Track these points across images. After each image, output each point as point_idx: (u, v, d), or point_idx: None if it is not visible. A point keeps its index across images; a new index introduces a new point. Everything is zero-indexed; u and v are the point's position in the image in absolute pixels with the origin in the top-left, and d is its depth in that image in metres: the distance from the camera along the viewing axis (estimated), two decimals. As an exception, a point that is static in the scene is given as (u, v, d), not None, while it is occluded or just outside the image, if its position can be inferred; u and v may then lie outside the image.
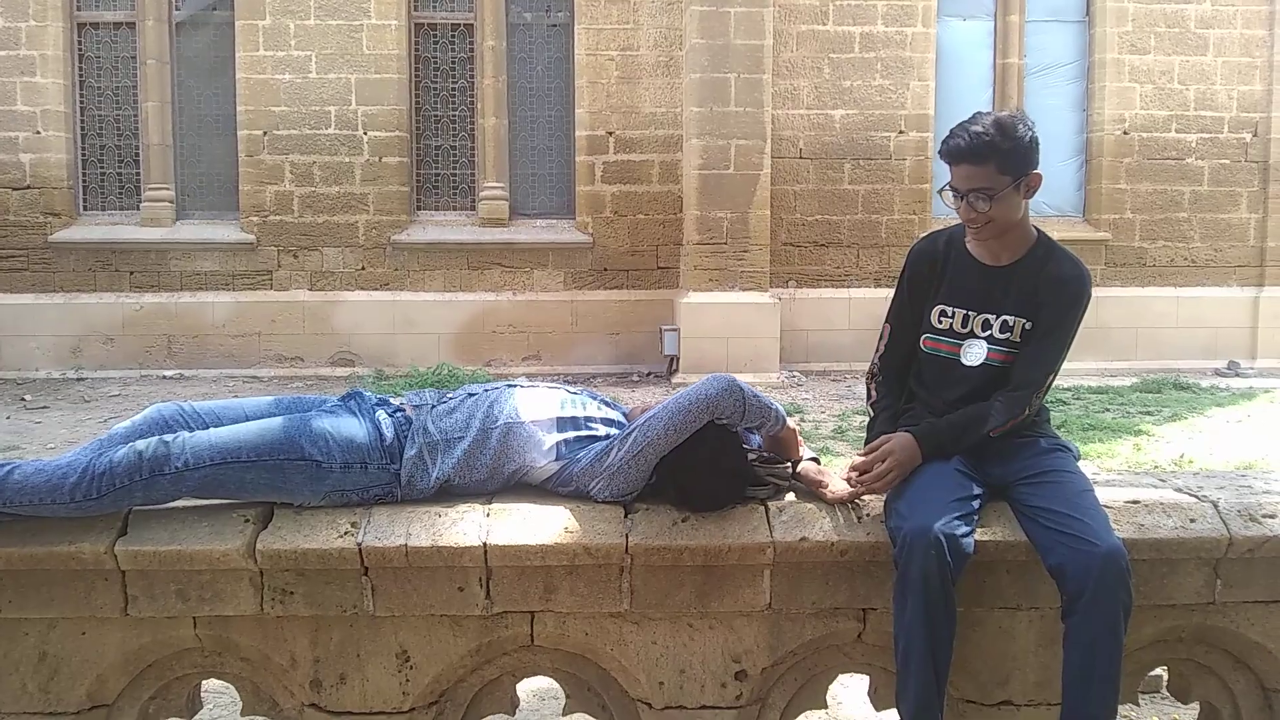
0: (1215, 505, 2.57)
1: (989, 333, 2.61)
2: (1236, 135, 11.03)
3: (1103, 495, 2.54)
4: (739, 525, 2.44)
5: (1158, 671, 2.84)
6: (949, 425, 2.55)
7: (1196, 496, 2.62)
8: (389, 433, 2.49)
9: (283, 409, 2.61)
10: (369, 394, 2.67)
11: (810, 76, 10.64)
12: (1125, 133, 10.94)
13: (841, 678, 2.74)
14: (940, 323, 2.67)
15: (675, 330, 10.00)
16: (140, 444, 2.33)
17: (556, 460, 2.50)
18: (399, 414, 2.56)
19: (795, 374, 10.09)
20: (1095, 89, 11.02)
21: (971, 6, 11.01)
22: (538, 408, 2.55)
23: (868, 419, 2.88)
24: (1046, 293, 2.61)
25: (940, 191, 2.64)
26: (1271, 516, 2.55)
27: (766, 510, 2.49)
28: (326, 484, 2.42)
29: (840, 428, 7.42)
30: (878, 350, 2.83)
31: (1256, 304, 11.02)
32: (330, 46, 10.37)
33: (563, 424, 2.53)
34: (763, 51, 9.99)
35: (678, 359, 9.97)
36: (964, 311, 2.64)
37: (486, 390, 2.60)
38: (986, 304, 2.62)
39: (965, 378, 2.62)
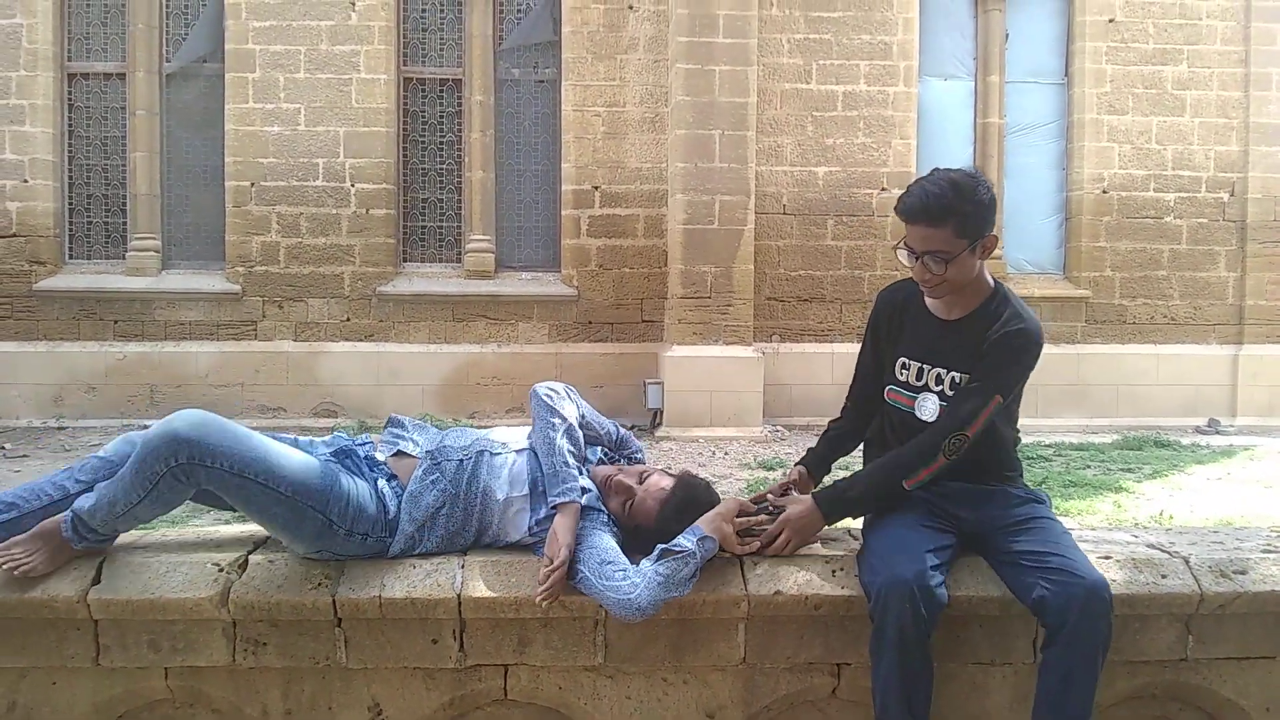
0: (1186, 561, 2.58)
1: (940, 388, 2.59)
2: (1214, 195, 11.19)
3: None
4: (713, 579, 2.44)
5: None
6: (853, 483, 2.57)
7: (1168, 552, 2.63)
8: (392, 506, 2.50)
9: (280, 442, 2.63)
10: (354, 444, 2.65)
11: (794, 134, 10.77)
12: (1104, 191, 11.09)
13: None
14: (900, 374, 2.66)
15: (659, 384, 10.01)
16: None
17: (531, 536, 2.52)
18: (394, 482, 2.55)
19: (778, 428, 10.10)
20: (1074, 148, 11.18)
21: (952, 67, 11.20)
22: (512, 482, 2.57)
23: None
24: (987, 349, 2.57)
25: (895, 248, 2.60)
26: (1242, 573, 2.56)
27: (741, 564, 2.49)
28: (326, 543, 2.42)
29: (822, 482, 7.42)
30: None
31: (1236, 362, 11.11)
32: (319, 100, 10.47)
33: (535, 501, 2.54)
34: (747, 109, 10.13)
35: (661, 412, 9.98)
36: (919, 364, 2.63)
37: (462, 461, 2.59)
38: (938, 358, 2.60)
39: (922, 431, 2.59)
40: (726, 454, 8.81)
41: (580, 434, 2.62)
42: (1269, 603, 2.53)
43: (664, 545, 2.33)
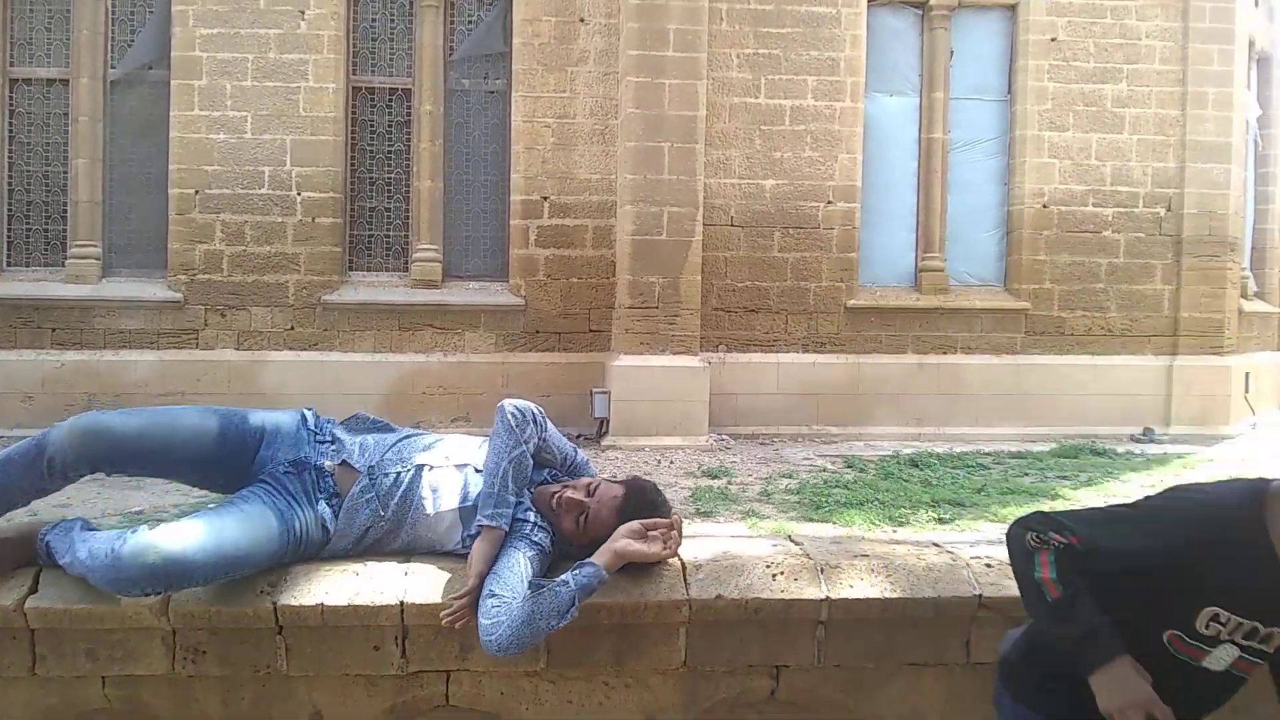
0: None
1: (1251, 642, 1.95)
2: (1151, 210, 11.46)
3: (1005, 552, 2.62)
4: (655, 584, 2.46)
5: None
6: None
7: (1097, 556, 2.70)
8: (332, 528, 2.51)
9: (229, 446, 2.57)
10: (313, 453, 2.62)
11: (742, 147, 10.87)
12: (1045, 206, 11.31)
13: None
14: (1206, 628, 1.95)
15: (605, 393, 10.04)
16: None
17: (463, 548, 2.51)
18: (335, 501, 2.55)
19: (724, 437, 10.16)
20: (1016, 164, 11.40)
21: (898, 83, 11.37)
22: (444, 497, 2.56)
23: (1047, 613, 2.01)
24: None
25: None
26: (1167, 575, 2.64)
27: (683, 569, 2.52)
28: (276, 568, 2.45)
29: (767, 490, 7.49)
30: (1061, 536, 2.01)
31: (1170, 372, 11.37)
32: (266, 108, 10.39)
33: (466, 515, 2.54)
34: (696, 122, 10.21)
35: (607, 421, 10.01)
36: (1239, 620, 1.93)
37: (399, 475, 2.58)
38: (1267, 612, 1.93)
39: (1201, 680, 2.01)
40: (672, 463, 8.86)
41: (530, 462, 2.58)
42: (1191, 604, 2.61)
43: (535, 580, 2.34)
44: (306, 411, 2.72)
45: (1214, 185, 11.40)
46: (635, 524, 2.45)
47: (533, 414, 2.59)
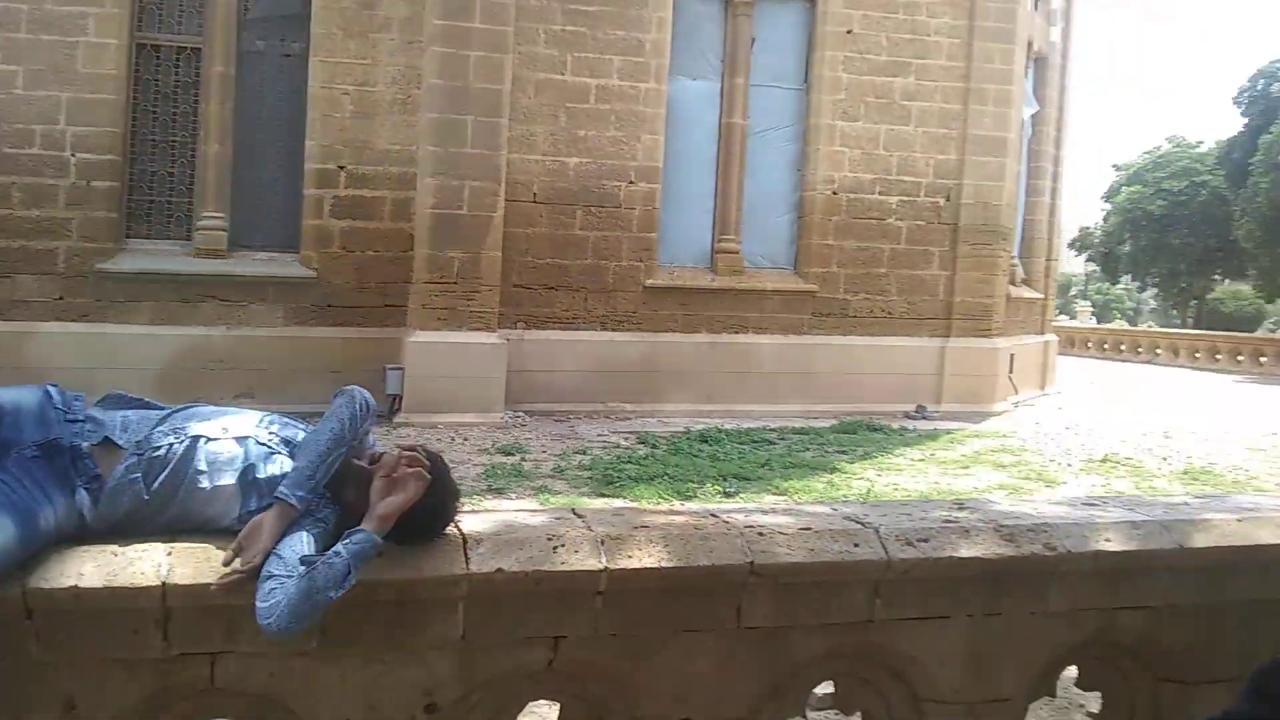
0: (877, 531, 2.80)
1: None
2: (932, 199, 12.12)
3: (780, 522, 2.73)
4: (434, 559, 2.44)
5: (827, 689, 3.07)
6: None
7: (861, 523, 2.84)
8: (89, 516, 2.35)
9: None
10: (66, 433, 2.43)
11: (547, 124, 10.86)
12: (835, 193, 11.79)
13: (532, 705, 2.79)
14: None
15: (399, 370, 9.87)
16: None
17: (240, 523, 2.41)
18: (95, 483, 2.39)
19: (520, 414, 10.17)
20: (810, 151, 11.83)
21: (700, 67, 11.60)
22: (222, 471, 2.46)
23: None
24: None
25: None
26: (925, 540, 2.81)
27: (464, 542, 2.51)
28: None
29: (560, 467, 7.55)
30: None
31: (943, 353, 12.09)
32: (40, 62, 9.67)
33: (246, 491, 2.45)
34: (501, 96, 10.13)
35: (401, 398, 9.86)
36: None
37: (171, 447, 2.46)
38: None
39: None
40: (466, 440, 8.82)
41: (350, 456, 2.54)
42: (946, 568, 2.78)
43: (308, 556, 2.29)
44: (50, 388, 2.51)
45: (990, 177, 12.16)
46: (377, 483, 2.42)
47: (374, 410, 2.63)
